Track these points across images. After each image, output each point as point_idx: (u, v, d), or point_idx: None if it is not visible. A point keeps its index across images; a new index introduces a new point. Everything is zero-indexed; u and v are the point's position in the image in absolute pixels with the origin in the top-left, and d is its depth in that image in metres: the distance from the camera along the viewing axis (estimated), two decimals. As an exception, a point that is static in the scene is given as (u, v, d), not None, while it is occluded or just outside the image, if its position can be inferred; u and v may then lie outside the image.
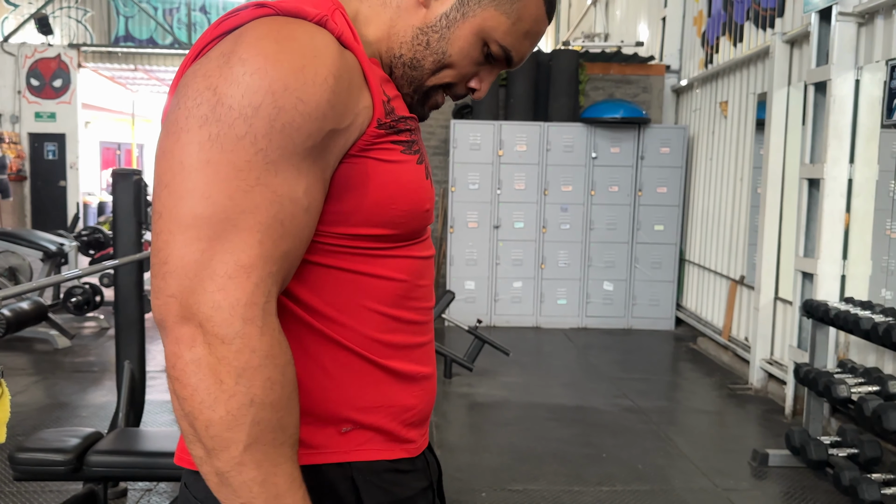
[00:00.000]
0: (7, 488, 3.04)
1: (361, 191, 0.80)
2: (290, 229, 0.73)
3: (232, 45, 0.73)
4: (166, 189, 0.71)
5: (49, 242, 6.25)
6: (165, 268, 0.70)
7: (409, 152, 0.84)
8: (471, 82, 0.92)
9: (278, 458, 0.71)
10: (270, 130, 0.70)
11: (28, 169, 12.89)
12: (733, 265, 5.79)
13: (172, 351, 0.70)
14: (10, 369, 4.83)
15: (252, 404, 0.69)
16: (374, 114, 0.80)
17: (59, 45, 12.75)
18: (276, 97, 0.70)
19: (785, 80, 4.78)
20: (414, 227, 0.86)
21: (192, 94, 0.72)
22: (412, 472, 0.91)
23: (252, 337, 0.69)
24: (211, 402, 0.69)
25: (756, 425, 4.31)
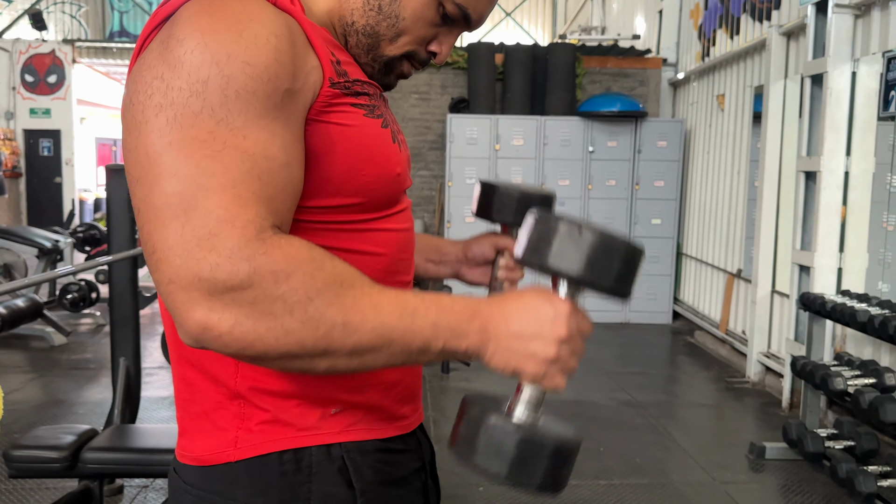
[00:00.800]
0: (2, 486, 3.03)
1: (329, 158, 0.78)
2: (269, 182, 0.71)
3: (168, 31, 0.72)
4: (138, 183, 0.70)
5: (44, 239, 6.23)
6: (155, 257, 0.68)
7: (371, 116, 0.82)
8: (430, 46, 0.90)
9: (367, 294, 0.71)
10: (225, 99, 0.69)
11: (23, 165, 12.85)
12: (730, 259, 5.79)
13: (210, 334, 0.67)
14: (5, 366, 4.81)
15: (311, 299, 0.68)
16: (325, 73, 0.78)
17: (53, 41, 12.70)
18: (222, 66, 0.69)
19: (781, 73, 4.77)
20: (387, 193, 0.85)
21: (142, 87, 0.71)
22: (405, 452, 0.90)
23: (264, 264, 0.67)
24: (284, 333, 0.67)
25: (753, 418, 4.31)
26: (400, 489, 0.88)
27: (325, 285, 0.69)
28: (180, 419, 0.88)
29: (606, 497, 3.11)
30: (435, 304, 0.73)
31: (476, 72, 6.75)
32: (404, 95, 7.04)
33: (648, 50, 7.30)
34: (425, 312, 0.72)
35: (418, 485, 0.92)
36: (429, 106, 7.08)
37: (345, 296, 0.69)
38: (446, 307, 0.73)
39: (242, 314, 0.66)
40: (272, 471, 0.81)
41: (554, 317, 0.75)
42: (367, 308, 0.70)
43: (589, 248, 0.72)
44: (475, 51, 6.82)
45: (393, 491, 0.87)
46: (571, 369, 0.77)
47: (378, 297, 0.71)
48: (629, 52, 7.20)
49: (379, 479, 0.85)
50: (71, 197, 12.67)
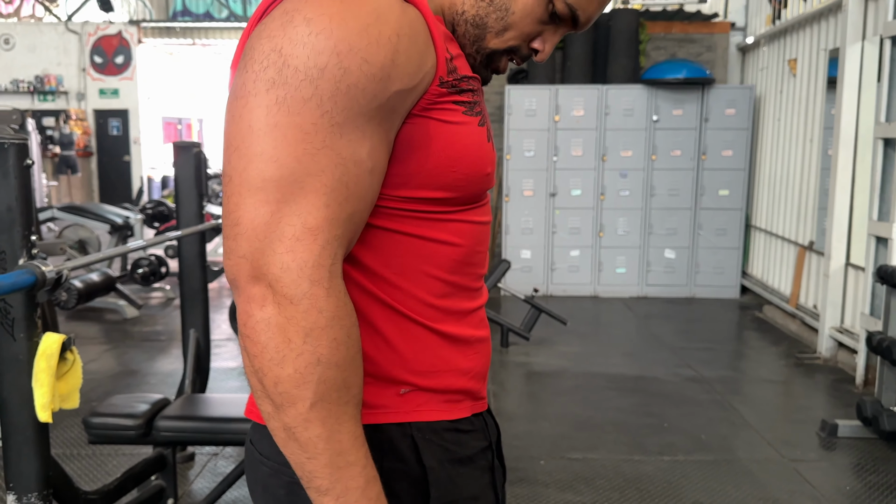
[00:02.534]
0: (83, 451, 3.17)
1: (423, 152, 0.79)
2: (355, 191, 0.73)
3: (295, 3, 0.72)
4: (236, 152, 0.72)
5: (116, 215, 6.45)
6: (236, 229, 0.71)
7: (470, 113, 0.82)
8: (534, 42, 0.89)
9: (342, 416, 0.73)
10: (336, 92, 0.70)
11: (94, 145, 13.32)
12: (802, 230, 5.58)
13: (244, 310, 0.72)
14: (81, 338, 5.02)
15: (319, 363, 0.71)
16: (437, 72, 0.78)
17: (119, 23, 13.03)
18: (342, 58, 0.70)
19: (859, 35, 4.53)
20: (474, 191, 0.85)
21: (258, 56, 0.71)
22: (472, 432, 0.91)
23: (319, 298, 0.70)
24: (279, 360, 0.70)
25: (825, 395, 4.18)
26: (467, 468, 0.89)
27: (336, 367, 0.72)
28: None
29: (671, 473, 3.07)
30: (357, 488, 0.74)
31: (535, 42, 6.63)
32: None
33: (715, 14, 7.03)
34: (343, 490, 0.74)
35: (485, 464, 0.92)
36: (487, 78, 6.99)
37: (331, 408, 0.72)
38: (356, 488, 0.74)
39: (274, 320, 0.70)
40: None
41: None
42: (330, 439, 0.72)
43: None
44: (534, 20, 6.68)
45: (460, 469, 0.88)
46: None
47: (346, 439, 0.74)
48: (695, 17, 6.95)
49: (447, 458, 0.86)
50: (139, 174, 13.08)
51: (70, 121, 12.87)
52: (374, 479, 0.76)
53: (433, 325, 0.86)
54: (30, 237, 1.68)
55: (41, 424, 1.74)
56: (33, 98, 12.96)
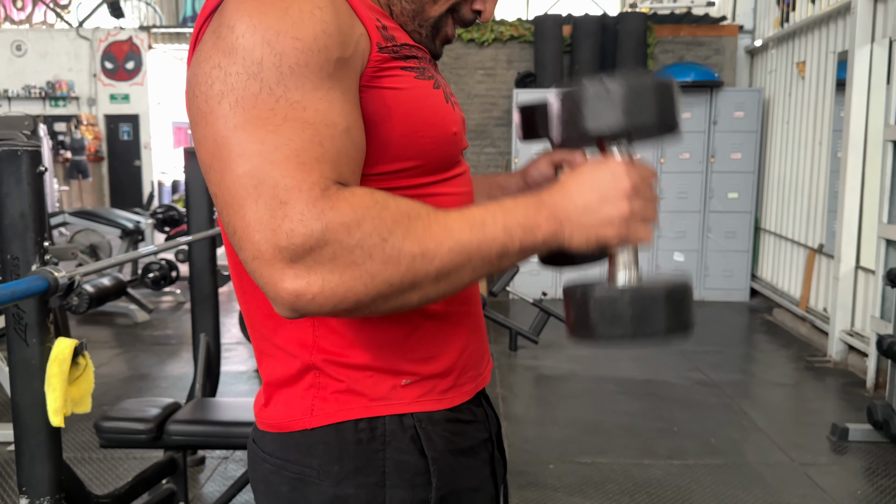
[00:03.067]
0: (94, 455, 3.19)
1: (388, 123, 0.79)
2: (331, 148, 0.72)
3: (217, 20, 0.74)
4: (211, 170, 0.73)
5: (126, 220, 6.49)
6: (237, 237, 0.71)
7: (422, 77, 0.83)
8: (475, 4, 0.90)
9: (433, 220, 0.73)
10: (281, 76, 0.71)
11: (105, 150, 13.40)
12: (811, 233, 5.56)
13: (306, 300, 0.69)
14: (93, 342, 5.06)
15: (385, 239, 0.70)
16: (372, 39, 0.78)
17: (130, 28, 13.12)
18: (273, 45, 0.71)
19: (868, 37, 4.52)
20: (445, 153, 0.85)
21: (202, 78, 0.73)
22: (473, 423, 0.91)
23: (334, 218, 0.68)
24: (370, 277, 0.69)
25: (835, 399, 4.16)
26: (468, 458, 0.90)
27: (394, 223, 0.71)
28: (262, 389, 0.92)
29: (680, 477, 3.06)
30: (500, 209, 0.75)
31: (542, 45, 6.64)
32: (469, 72, 6.99)
33: (724, 17, 7.02)
34: (493, 220, 0.74)
35: (485, 455, 0.93)
36: (494, 82, 7.01)
37: (415, 227, 0.71)
38: (510, 208, 0.75)
39: (327, 271, 0.68)
40: (347, 439, 0.83)
41: (612, 176, 0.76)
42: (439, 232, 0.72)
43: (620, 98, 0.74)
44: (542, 23, 6.70)
45: (462, 460, 0.89)
46: (651, 217, 0.78)
47: (446, 220, 0.73)
48: (703, 20, 6.95)
49: (449, 448, 0.87)
50: (150, 179, 13.14)
51: (81, 126, 12.96)
52: (512, 199, 0.76)
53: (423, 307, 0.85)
54: (42, 243, 1.70)
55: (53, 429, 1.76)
56: (45, 104, 13.05)
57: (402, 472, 0.84)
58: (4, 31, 13.33)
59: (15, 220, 1.67)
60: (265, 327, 0.88)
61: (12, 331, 1.71)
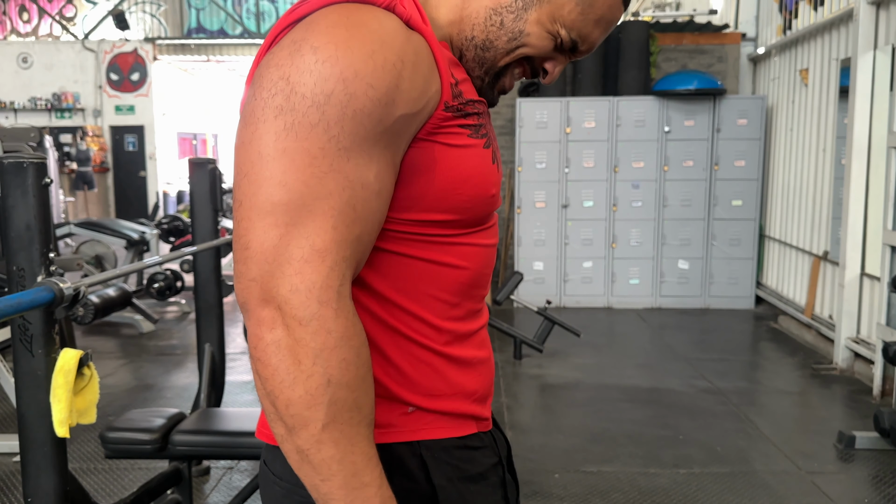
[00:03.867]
0: (99, 465, 3.20)
1: (429, 175, 0.80)
2: (363, 214, 0.74)
3: (303, 33, 0.74)
4: (246, 178, 0.73)
5: (132, 231, 6.52)
6: (247, 253, 0.72)
7: (476, 136, 0.83)
8: (545, 63, 0.91)
9: (355, 436, 0.73)
10: (342, 117, 0.71)
11: (110, 160, 13.46)
12: (816, 240, 5.55)
13: (254, 332, 0.73)
14: (99, 353, 5.07)
15: (329, 384, 0.71)
16: (442, 97, 0.79)
17: (135, 40, 13.20)
18: (348, 84, 0.71)
19: (870, 44, 4.52)
20: (480, 213, 0.86)
21: (267, 84, 0.73)
22: (481, 449, 0.91)
23: (328, 318, 0.71)
24: (290, 382, 0.71)
25: (842, 406, 4.14)
26: (478, 485, 0.89)
27: (346, 388, 0.72)
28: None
29: (686, 486, 3.05)
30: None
31: (546, 54, 6.65)
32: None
33: (726, 25, 7.03)
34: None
35: (496, 480, 0.93)
36: (499, 91, 7.02)
37: (343, 429, 0.73)
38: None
39: (284, 342, 0.71)
40: None
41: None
42: (343, 460, 0.73)
43: None
44: (545, 33, 6.71)
45: (471, 487, 0.88)
46: None
47: (359, 460, 0.74)
48: (706, 28, 6.96)
49: (457, 476, 0.87)
50: (155, 190, 13.19)
51: (87, 137, 13.02)
52: (389, 500, 0.76)
53: (438, 349, 0.87)
54: (48, 254, 1.71)
55: (59, 439, 1.77)
56: (51, 115, 13.13)
57: (410, 499, 0.84)
58: (10, 44, 13.42)
59: (21, 231, 1.68)
60: None
61: (18, 342, 1.72)
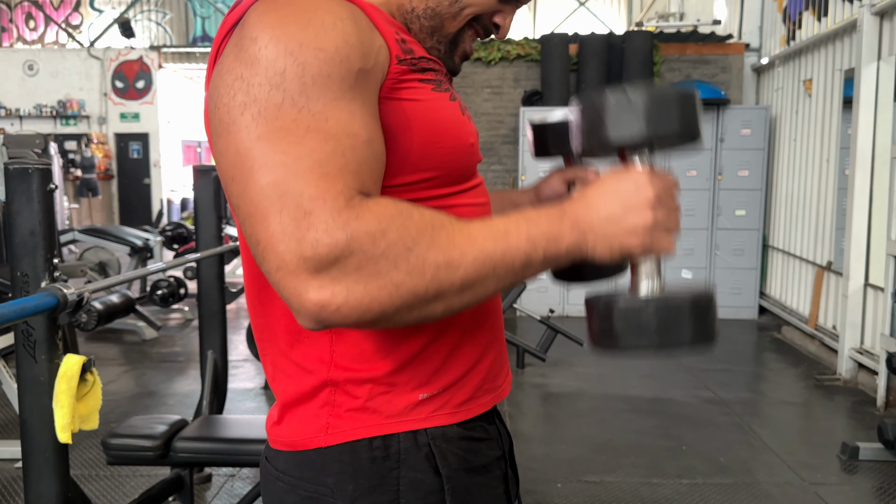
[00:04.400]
0: (101, 472, 3.19)
1: (406, 134, 0.80)
2: (353, 158, 0.72)
3: (239, 33, 0.75)
4: (233, 181, 0.73)
5: (135, 238, 6.53)
6: (260, 248, 0.70)
7: (439, 90, 0.84)
8: (495, 17, 0.91)
9: (457, 229, 0.72)
10: (303, 86, 0.71)
11: (115, 168, 13.50)
12: (820, 251, 5.54)
13: (331, 311, 0.68)
14: (101, 359, 5.07)
15: (410, 249, 0.69)
16: (391, 51, 0.79)
17: (140, 48, 13.26)
18: (296, 55, 0.71)
19: (874, 55, 4.53)
20: (463, 164, 0.86)
21: (224, 90, 0.73)
22: (486, 441, 0.91)
23: (359, 228, 0.68)
24: (395, 287, 0.69)
25: (845, 417, 4.12)
26: (482, 476, 0.89)
27: (419, 232, 0.70)
28: (274, 406, 0.91)
29: (689, 496, 3.04)
30: (524, 219, 0.75)
31: (549, 63, 6.68)
32: (477, 90, 7.03)
33: (730, 35, 7.05)
34: (517, 230, 0.74)
35: (499, 473, 0.93)
36: (501, 100, 7.05)
37: (439, 237, 0.71)
38: (534, 218, 0.75)
39: (352, 282, 0.68)
40: (362, 457, 0.83)
41: (635, 186, 0.76)
42: (463, 242, 0.72)
43: (643, 107, 0.74)
44: (548, 42, 6.74)
45: (476, 478, 0.88)
46: (674, 227, 0.79)
47: (470, 229, 0.73)
48: (709, 38, 6.98)
49: (463, 467, 0.87)
50: (159, 197, 13.23)
51: (91, 144, 13.07)
52: (535, 209, 0.76)
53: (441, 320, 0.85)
54: (52, 260, 1.71)
55: (61, 445, 1.77)
56: (56, 122, 13.18)
57: (417, 490, 0.84)
58: (17, 51, 13.50)
59: (25, 237, 1.69)
60: (282, 342, 0.87)
61: (21, 347, 1.72)
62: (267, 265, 0.70)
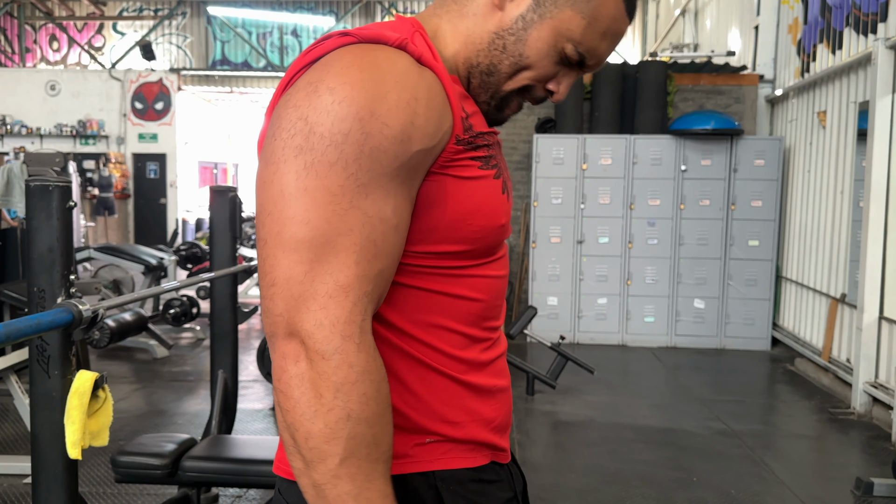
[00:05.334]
0: (109, 490, 3.19)
1: (441, 208, 0.82)
2: (383, 248, 0.76)
3: (319, 74, 0.76)
4: (269, 217, 0.75)
5: (150, 257, 6.58)
6: (273, 289, 0.74)
7: (486, 167, 0.85)
8: (549, 84, 0.91)
9: (372, 473, 0.74)
10: (360, 155, 0.73)
11: (132, 187, 13.65)
12: (834, 282, 5.50)
13: (279, 365, 0.74)
14: (112, 377, 5.09)
15: (349, 419, 0.72)
16: (454, 131, 0.81)
17: (161, 70, 13.46)
18: (364, 123, 0.73)
19: (889, 88, 4.53)
20: (490, 242, 0.87)
21: (286, 125, 0.75)
22: (497, 483, 0.91)
23: (350, 353, 0.72)
24: (311, 415, 0.72)
25: (859, 452, 4.06)
26: None
27: (365, 423, 0.73)
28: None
29: (700, 528, 3.00)
30: None
31: (564, 92, 6.71)
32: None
33: (744, 66, 7.08)
34: None
35: None
36: (515, 126, 7.09)
37: (361, 464, 0.73)
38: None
39: (306, 375, 0.73)
40: None
41: None
42: (359, 496, 0.73)
43: None
44: (564, 71, 6.78)
45: None
46: None
47: (375, 497, 0.74)
48: (723, 69, 7.01)
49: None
50: (175, 217, 13.33)
51: (109, 164, 13.23)
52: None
53: (457, 376, 0.87)
54: (68, 277, 1.74)
55: (70, 461, 1.77)
56: (75, 142, 13.37)
57: None
58: (40, 72, 13.74)
59: (43, 253, 1.71)
60: None
61: (35, 362, 1.74)
62: (272, 304, 0.75)
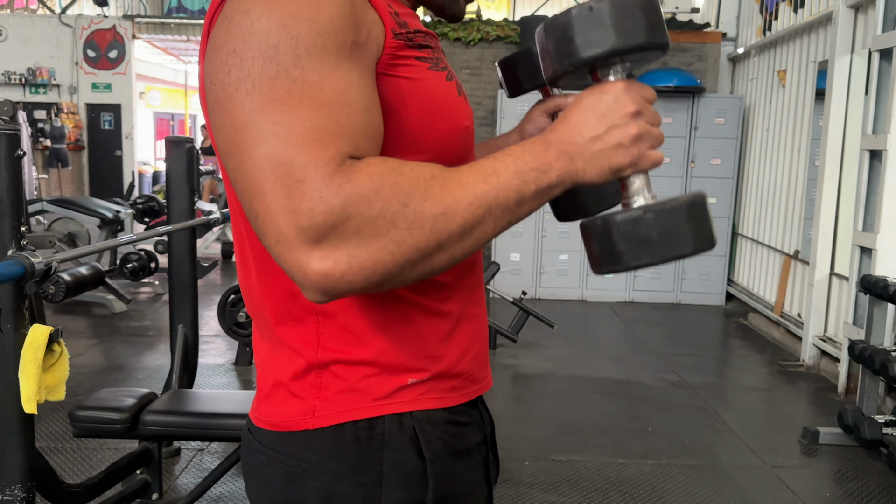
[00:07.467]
0: (67, 444, 3.17)
1: (403, 113, 0.79)
2: (348, 126, 0.71)
3: (230, 6, 0.74)
4: (230, 157, 0.72)
5: (106, 210, 6.43)
6: (259, 222, 0.69)
7: (436, 69, 0.82)
8: None
9: (447, 177, 0.72)
10: (297, 58, 0.70)
11: (86, 139, 13.25)
12: (788, 239, 5.64)
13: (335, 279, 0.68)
14: (70, 332, 5.01)
15: (406, 205, 0.68)
16: (385, 25, 0.78)
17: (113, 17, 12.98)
18: (289, 28, 0.70)
19: (848, 47, 4.59)
20: (459, 146, 0.85)
21: (219, 66, 0.72)
22: (469, 425, 0.91)
23: (353, 191, 0.67)
24: (397, 245, 0.68)
25: (807, 403, 4.22)
26: (464, 461, 0.90)
27: (411, 186, 0.69)
28: (260, 386, 0.90)
29: (654, 477, 3.10)
30: (510, 156, 0.74)
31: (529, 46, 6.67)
32: (455, 70, 7.00)
33: (707, 24, 7.09)
34: (504, 167, 0.73)
35: (479, 457, 0.93)
36: (479, 81, 7.03)
37: (432, 187, 0.70)
38: (519, 153, 0.75)
39: (352, 246, 0.67)
40: (346, 438, 0.83)
41: (613, 100, 0.75)
42: (456, 188, 0.71)
43: (608, 15, 0.72)
44: (528, 24, 6.73)
45: (458, 462, 0.88)
46: (658, 138, 0.77)
47: (460, 175, 0.72)
48: (687, 26, 7.02)
49: (446, 450, 0.87)
50: (130, 169, 13.02)
51: (61, 114, 12.81)
52: (518, 144, 0.75)
53: (434, 305, 0.86)
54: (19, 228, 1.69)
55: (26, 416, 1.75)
56: (25, 90, 12.88)
57: (399, 472, 0.83)
58: (-15, 16, 13.13)
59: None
60: (270, 320, 0.86)
61: (-13, 316, 1.70)
62: (267, 239, 0.69)
